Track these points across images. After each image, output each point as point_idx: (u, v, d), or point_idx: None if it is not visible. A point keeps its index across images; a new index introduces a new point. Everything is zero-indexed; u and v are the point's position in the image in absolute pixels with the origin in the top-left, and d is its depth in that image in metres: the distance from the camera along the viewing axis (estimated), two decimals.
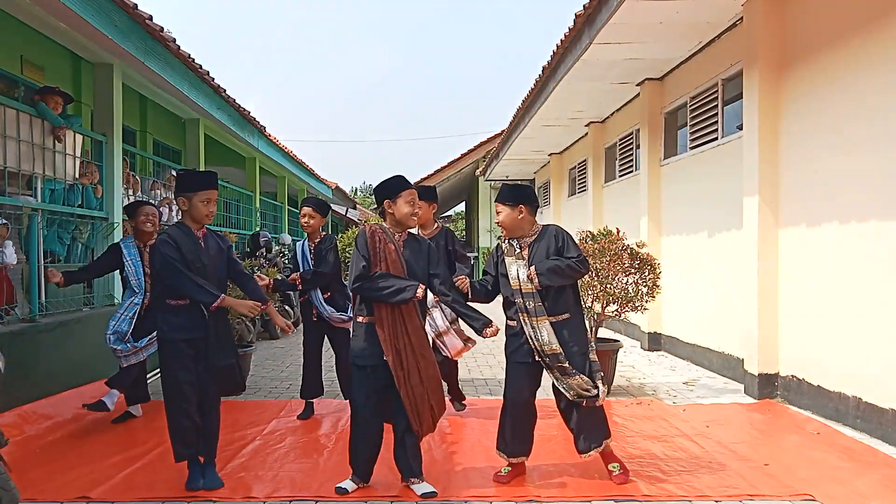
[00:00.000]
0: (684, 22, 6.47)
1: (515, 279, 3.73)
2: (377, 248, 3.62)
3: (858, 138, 4.80)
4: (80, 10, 5.15)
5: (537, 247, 3.77)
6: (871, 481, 3.74)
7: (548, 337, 3.64)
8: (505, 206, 3.80)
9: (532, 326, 3.67)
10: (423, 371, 3.57)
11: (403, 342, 3.55)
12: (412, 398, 3.54)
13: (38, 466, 4.02)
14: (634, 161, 9.83)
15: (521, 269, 3.72)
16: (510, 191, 3.82)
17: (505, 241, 3.90)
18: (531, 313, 3.67)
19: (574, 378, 3.63)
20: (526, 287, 3.69)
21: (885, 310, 4.52)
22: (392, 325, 3.55)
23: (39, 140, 5.58)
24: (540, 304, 3.67)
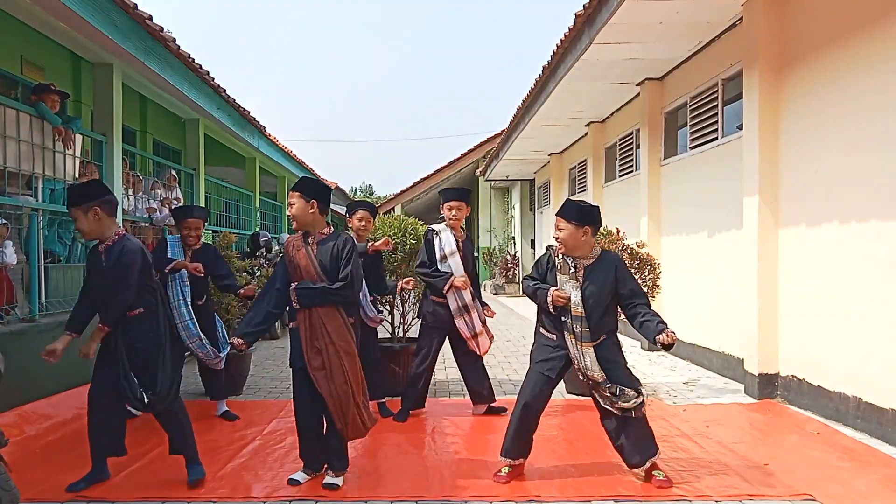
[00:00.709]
0: (684, 22, 6.47)
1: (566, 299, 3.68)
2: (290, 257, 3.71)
3: (858, 138, 4.80)
4: (80, 10, 5.14)
5: (594, 272, 3.70)
6: (871, 481, 3.74)
7: (590, 363, 3.63)
8: (570, 224, 3.67)
9: (578, 350, 3.65)
10: (349, 370, 3.61)
11: (324, 342, 3.59)
12: (336, 397, 3.59)
13: (38, 466, 4.02)
14: (634, 161, 9.83)
15: (574, 291, 3.66)
16: (579, 211, 3.67)
17: (559, 256, 3.79)
18: (577, 337, 3.65)
19: (616, 402, 3.62)
20: (576, 310, 3.65)
21: (885, 310, 4.52)
22: (310, 327, 3.61)
23: (39, 140, 5.58)
24: (587, 329, 3.64)
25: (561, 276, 3.74)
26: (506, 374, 7.05)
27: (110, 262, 3.64)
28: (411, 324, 6.31)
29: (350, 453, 4.30)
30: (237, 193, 12.00)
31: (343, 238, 3.75)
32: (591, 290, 3.66)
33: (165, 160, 9.26)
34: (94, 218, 3.63)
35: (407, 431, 4.83)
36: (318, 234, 3.74)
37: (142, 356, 3.65)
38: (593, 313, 3.66)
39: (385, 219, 6.32)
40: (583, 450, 4.37)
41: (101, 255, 3.69)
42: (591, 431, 4.81)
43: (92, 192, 3.66)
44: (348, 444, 3.82)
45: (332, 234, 3.78)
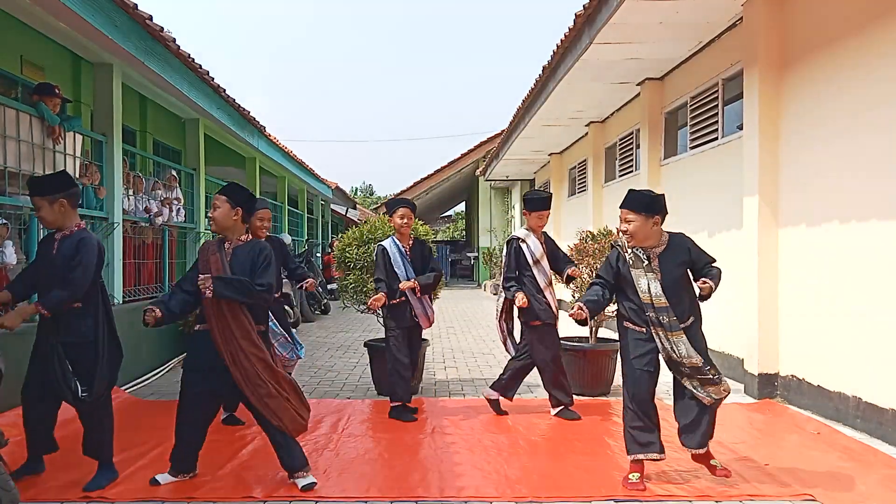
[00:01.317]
0: (684, 22, 6.47)
1: (646, 293, 3.61)
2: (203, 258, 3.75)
3: (858, 138, 4.80)
4: (80, 10, 5.14)
5: (668, 258, 3.65)
6: (871, 481, 3.74)
7: (686, 350, 3.56)
8: (638, 215, 3.59)
9: (668, 340, 3.58)
10: (263, 372, 3.64)
11: (235, 346, 3.62)
12: (259, 397, 3.62)
13: None
14: (634, 161, 9.83)
15: (653, 283, 3.60)
16: (650, 200, 3.61)
17: (629, 251, 3.70)
18: (667, 328, 3.58)
19: (717, 385, 3.57)
20: (659, 301, 3.59)
21: (885, 310, 4.52)
22: (221, 329, 3.63)
23: (39, 140, 5.58)
24: (674, 318, 3.58)
25: (635, 270, 3.66)
26: None
27: (62, 251, 3.68)
28: None
29: (350, 454, 4.31)
30: None
31: (260, 246, 3.80)
32: (669, 278, 3.62)
33: (165, 160, 9.26)
34: (60, 209, 3.70)
35: (407, 431, 4.83)
36: (236, 241, 3.79)
37: (77, 350, 3.66)
38: (676, 300, 3.61)
39: (385, 219, 6.32)
40: (583, 450, 4.37)
41: (54, 243, 3.73)
42: (591, 431, 4.82)
43: (60, 184, 3.72)
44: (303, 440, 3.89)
45: (250, 241, 3.83)
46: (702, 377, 3.58)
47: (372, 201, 50.26)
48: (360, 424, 5.04)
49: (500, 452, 4.33)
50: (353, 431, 4.84)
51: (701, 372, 3.57)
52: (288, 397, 3.69)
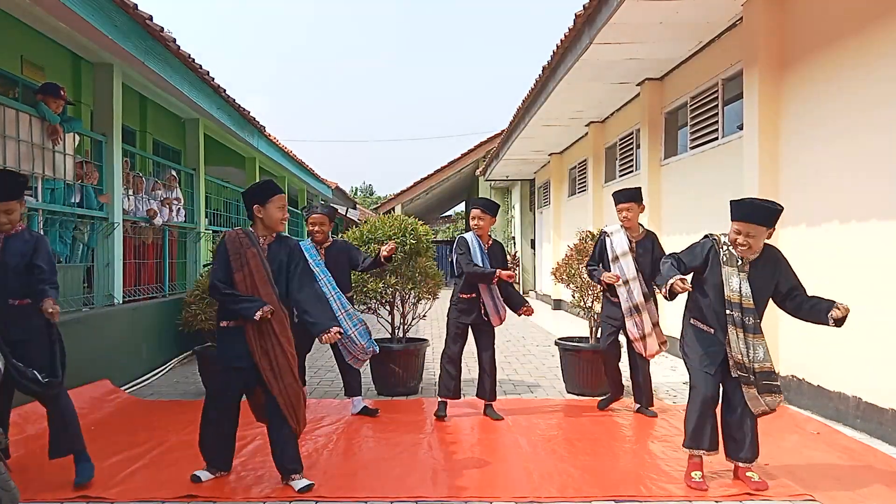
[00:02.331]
0: (684, 22, 6.47)
1: (736, 292, 3.58)
2: (238, 253, 3.66)
3: (858, 138, 4.80)
4: (80, 10, 5.14)
5: (760, 265, 3.61)
6: (871, 481, 3.74)
7: (763, 354, 3.58)
8: (762, 227, 3.50)
9: (747, 343, 3.58)
10: (295, 370, 3.66)
11: (271, 342, 3.61)
12: (287, 397, 3.62)
13: (38, 466, 4.02)
14: (634, 161, 9.83)
15: (745, 284, 3.59)
16: (774, 214, 3.51)
17: (724, 247, 3.67)
18: (749, 329, 3.58)
19: (775, 395, 3.58)
20: (747, 303, 3.58)
21: (884, 310, 4.52)
22: (258, 327, 3.60)
23: (39, 140, 5.58)
24: (758, 320, 3.58)
25: (728, 268, 3.63)
26: (506, 374, 7.05)
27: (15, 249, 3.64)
28: (411, 324, 6.30)
29: (350, 454, 4.32)
30: (237, 193, 11.99)
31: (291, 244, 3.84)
32: (758, 282, 3.60)
33: (165, 160, 9.26)
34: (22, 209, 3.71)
35: (407, 431, 4.83)
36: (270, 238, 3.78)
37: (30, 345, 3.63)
38: (761, 305, 3.62)
39: (385, 219, 6.32)
40: (583, 450, 4.37)
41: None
42: (591, 431, 4.82)
43: (24, 184, 3.74)
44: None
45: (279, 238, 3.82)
46: (768, 383, 3.58)
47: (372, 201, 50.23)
48: (361, 424, 5.04)
49: (500, 452, 4.33)
50: (354, 431, 4.84)
51: (770, 378, 3.58)
52: (304, 398, 3.73)
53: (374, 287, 5.95)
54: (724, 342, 3.64)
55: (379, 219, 6.40)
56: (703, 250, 3.77)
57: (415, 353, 6.05)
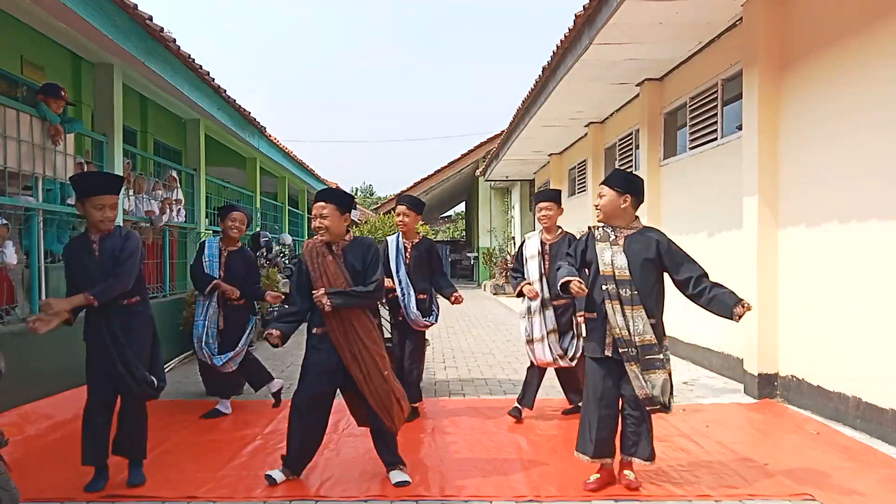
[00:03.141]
0: (684, 22, 6.47)
1: (608, 266, 3.60)
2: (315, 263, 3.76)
3: (858, 138, 4.80)
4: (80, 10, 5.14)
5: (636, 241, 3.65)
6: (871, 481, 3.74)
7: (643, 326, 3.52)
8: (612, 190, 3.67)
9: (625, 315, 3.53)
10: (383, 369, 3.70)
11: (358, 346, 3.66)
12: (378, 398, 3.67)
13: (38, 466, 4.02)
14: (634, 161, 9.84)
15: (618, 256, 3.61)
16: (623, 178, 3.70)
17: (599, 228, 3.75)
18: (625, 301, 3.54)
19: (658, 372, 3.51)
20: (622, 274, 3.57)
21: (885, 310, 4.52)
22: (344, 331, 3.66)
23: (39, 140, 5.58)
24: (636, 292, 3.55)
25: (600, 244, 3.67)
26: (505, 374, 7.05)
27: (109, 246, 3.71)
28: None
29: (350, 454, 4.32)
30: (238, 194, 11.99)
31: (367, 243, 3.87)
32: (633, 259, 3.60)
33: (166, 160, 9.26)
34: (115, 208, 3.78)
35: (407, 431, 4.82)
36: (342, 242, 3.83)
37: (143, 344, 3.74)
38: (640, 279, 3.58)
39: (385, 219, 6.33)
40: None
41: (91, 244, 3.72)
42: None
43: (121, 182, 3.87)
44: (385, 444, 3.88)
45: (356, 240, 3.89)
46: (650, 357, 3.50)
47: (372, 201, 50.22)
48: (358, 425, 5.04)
49: (500, 452, 4.33)
50: (354, 431, 4.84)
51: (651, 351, 3.51)
52: (399, 396, 3.74)
53: None
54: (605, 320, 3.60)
55: (379, 219, 6.41)
56: (583, 240, 3.85)
57: None
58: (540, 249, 5.23)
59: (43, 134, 5.63)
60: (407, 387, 5.06)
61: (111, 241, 3.73)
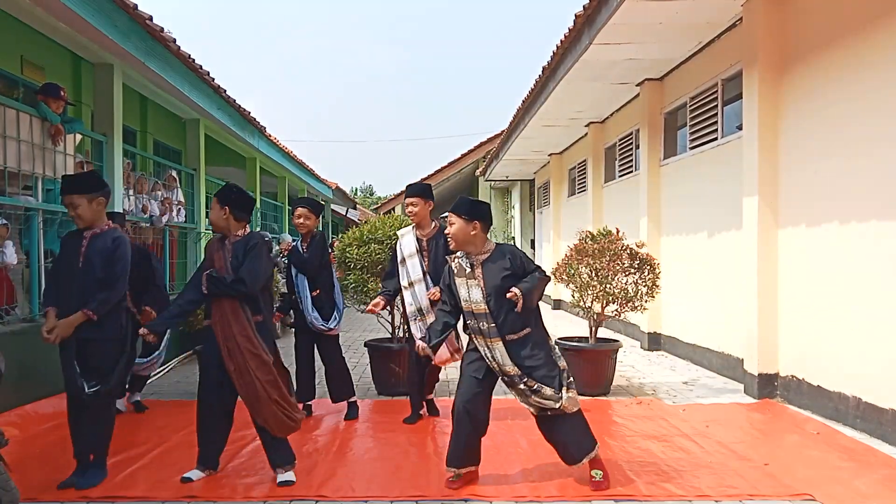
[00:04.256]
0: (684, 22, 6.47)
1: (467, 300, 3.62)
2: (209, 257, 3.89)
3: (858, 138, 4.80)
4: (80, 11, 5.15)
5: (490, 265, 3.65)
6: (871, 481, 3.74)
7: (502, 358, 3.56)
8: (459, 218, 3.66)
9: (487, 347, 3.59)
10: (256, 370, 3.69)
11: (233, 343, 3.70)
12: (246, 395, 3.70)
13: (38, 466, 4.02)
14: (634, 161, 9.83)
15: (473, 290, 3.61)
16: (469, 205, 3.70)
17: (455, 261, 3.74)
18: (486, 334, 3.58)
19: (531, 397, 3.55)
20: (478, 308, 3.59)
21: (885, 310, 4.52)
22: (223, 325, 3.73)
23: (39, 140, 5.58)
24: (493, 325, 3.57)
25: (458, 279, 3.67)
26: None
27: (95, 248, 3.73)
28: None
29: (350, 454, 4.32)
30: None
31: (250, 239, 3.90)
32: (491, 285, 3.60)
33: (166, 160, 9.26)
34: (97, 207, 3.79)
35: (407, 431, 4.83)
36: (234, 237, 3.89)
37: (99, 347, 3.72)
38: (501, 309, 3.58)
39: (385, 219, 6.32)
40: None
41: (82, 241, 3.76)
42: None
43: (98, 183, 3.84)
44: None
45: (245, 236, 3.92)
46: (522, 387, 3.55)
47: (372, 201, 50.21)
48: (361, 424, 5.05)
49: (499, 452, 4.33)
50: (354, 431, 4.85)
51: (513, 383, 3.57)
52: (277, 400, 3.73)
53: (375, 287, 5.95)
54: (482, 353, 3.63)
55: (379, 219, 6.40)
56: (446, 274, 3.82)
57: None
58: (417, 247, 4.99)
59: (43, 134, 5.63)
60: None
61: (100, 243, 3.75)
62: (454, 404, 3.73)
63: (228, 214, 3.84)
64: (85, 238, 3.77)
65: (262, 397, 3.68)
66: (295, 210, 5.45)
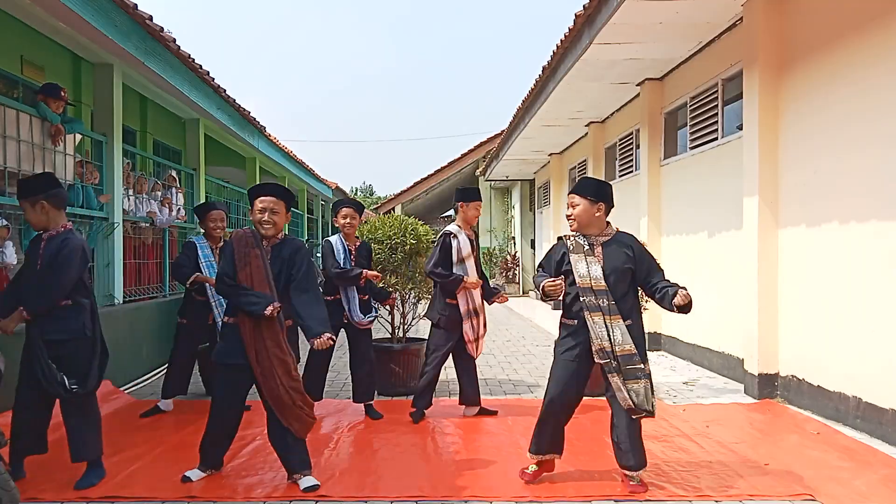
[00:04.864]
0: (684, 22, 6.47)
1: (585, 277, 3.60)
2: (241, 253, 3.72)
3: (858, 138, 4.80)
4: (80, 10, 5.14)
5: (611, 248, 3.66)
6: (871, 481, 3.74)
7: (621, 336, 3.55)
8: (584, 199, 3.67)
9: (605, 326, 3.55)
10: (282, 376, 3.66)
11: (261, 345, 3.65)
12: (275, 398, 3.67)
13: (38, 466, 4.02)
14: (634, 161, 9.84)
15: (593, 266, 3.61)
16: (596, 186, 3.70)
17: (571, 238, 3.75)
18: (605, 311, 3.56)
19: (640, 381, 3.55)
20: (598, 285, 3.58)
21: (884, 310, 4.52)
22: (252, 326, 3.66)
23: (39, 140, 5.58)
24: (613, 301, 3.58)
25: (573, 255, 3.67)
26: (506, 374, 7.05)
27: (49, 251, 3.70)
28: (411, 324, 6.30)
29: (350, 454, 4.32)
30: (237, 193, 11.99)
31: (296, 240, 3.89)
32: (610, 267, 3.61)
33: (166, 160, 9.26)
34: (42, 210, 3.73)
35: (407, 432, 4.83)
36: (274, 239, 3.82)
37: (67, 346, 3.69)
38: (617, 287, 3.60)
39: (385, 219, 6.32)
40: (583, 450, 4.37)
41: (41, 243, 3.75)
42: (591, 431, 4.82)
43: (40, 186, 3.76)
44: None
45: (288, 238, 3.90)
46: (631, 367, 3.54)
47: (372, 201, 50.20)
48: (361, 424, 5.04)
49: (499, 452, 4.33)
50: (353, 431, 4.85)
51: (632, 361, 3.54)
52: (301, 404, 3.72)
53: None
54: (583, 330, 3.61)
55: (379, 219, 6.40)
56: (555, 251, 3.83)
57: (415, 354, 6.05)
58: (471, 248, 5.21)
59: (43, 134, 5.63)
60: None
61: (52, 245, 3.72)
62: (548, 389, 3.72)
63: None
64: (43, 240, 3.76)
65: (287, 403, 3.67)
66: (340, 210, 5.41)
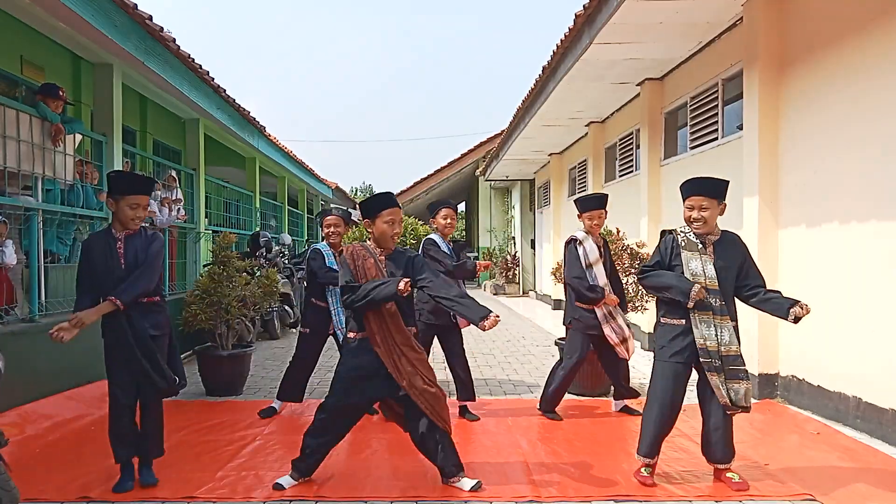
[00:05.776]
0: (684, 22, 6.47)
1: (699, 275, 3.58)
2: (357, 266, 3.70)
3: (858, 138, 4.80)
4: (80, 10, 5.14)
5: (722, 247, 3.65)
6: (871, 481, 3.74)
7: (729, 338, 3.57)
8: (713, 200, 3.59)
9: (714, 325, 3.56)
10: (423, 373, 3.65)
11: (397, 352, 3.62)
12: (427, 401, 3.63)
13: (38, 466, 4.02)
14: (634, 161, 9.83)
15: (707, 265, 3.60)
16: (722, 186, 3.62)
17: (681, 235, 3.71)
18: (716, 311, 3.57)
19: (741, 382, 3.57)
20: (712, 283, 3.56)
21: (884, 310, 4.52)
22: (384, 337, 3.63)
23: (39, 140, 5.58)
24: (724, 303, 3.58)
25: (686, 252, 3.64)
26: (506, 374, 7.05)
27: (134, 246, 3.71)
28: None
29: (350, 454, 4.32)
30: (237, 194, 11.99)
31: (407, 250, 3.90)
32: (722, 264, 3.60)
33: (165, 160, 9.26)
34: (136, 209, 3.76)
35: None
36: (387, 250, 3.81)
37: (158, 342, 3.75)
38: (727, 287, 3.60)
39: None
40: (583, 450, 4.37)
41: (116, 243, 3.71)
42: (591, 431, 4.82)
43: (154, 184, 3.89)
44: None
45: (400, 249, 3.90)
46: (733, 368, 3.57)
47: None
48: (361, 425, 5.03)
49: (499, 452, 4.33)
50: (353, 431, 4.83)
51: (735, 363, 3.57)
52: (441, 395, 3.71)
53: None
54: (691, 331, 3.61)
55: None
56: (665, 246, 3.80)
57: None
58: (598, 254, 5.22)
59: (43, 134, 5.63)
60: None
61: (137, 241, 3.75)
62: (654, 390, 3.71)
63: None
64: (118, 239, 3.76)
65: (438, 395, 3.66)
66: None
